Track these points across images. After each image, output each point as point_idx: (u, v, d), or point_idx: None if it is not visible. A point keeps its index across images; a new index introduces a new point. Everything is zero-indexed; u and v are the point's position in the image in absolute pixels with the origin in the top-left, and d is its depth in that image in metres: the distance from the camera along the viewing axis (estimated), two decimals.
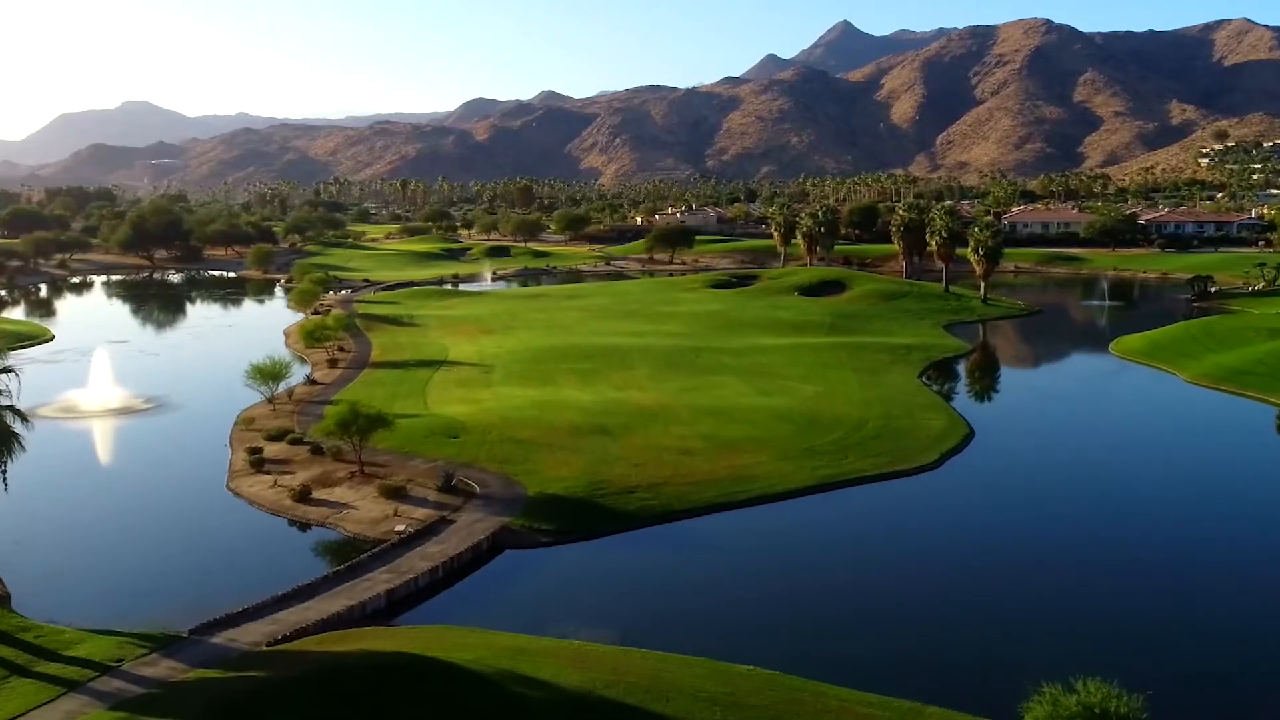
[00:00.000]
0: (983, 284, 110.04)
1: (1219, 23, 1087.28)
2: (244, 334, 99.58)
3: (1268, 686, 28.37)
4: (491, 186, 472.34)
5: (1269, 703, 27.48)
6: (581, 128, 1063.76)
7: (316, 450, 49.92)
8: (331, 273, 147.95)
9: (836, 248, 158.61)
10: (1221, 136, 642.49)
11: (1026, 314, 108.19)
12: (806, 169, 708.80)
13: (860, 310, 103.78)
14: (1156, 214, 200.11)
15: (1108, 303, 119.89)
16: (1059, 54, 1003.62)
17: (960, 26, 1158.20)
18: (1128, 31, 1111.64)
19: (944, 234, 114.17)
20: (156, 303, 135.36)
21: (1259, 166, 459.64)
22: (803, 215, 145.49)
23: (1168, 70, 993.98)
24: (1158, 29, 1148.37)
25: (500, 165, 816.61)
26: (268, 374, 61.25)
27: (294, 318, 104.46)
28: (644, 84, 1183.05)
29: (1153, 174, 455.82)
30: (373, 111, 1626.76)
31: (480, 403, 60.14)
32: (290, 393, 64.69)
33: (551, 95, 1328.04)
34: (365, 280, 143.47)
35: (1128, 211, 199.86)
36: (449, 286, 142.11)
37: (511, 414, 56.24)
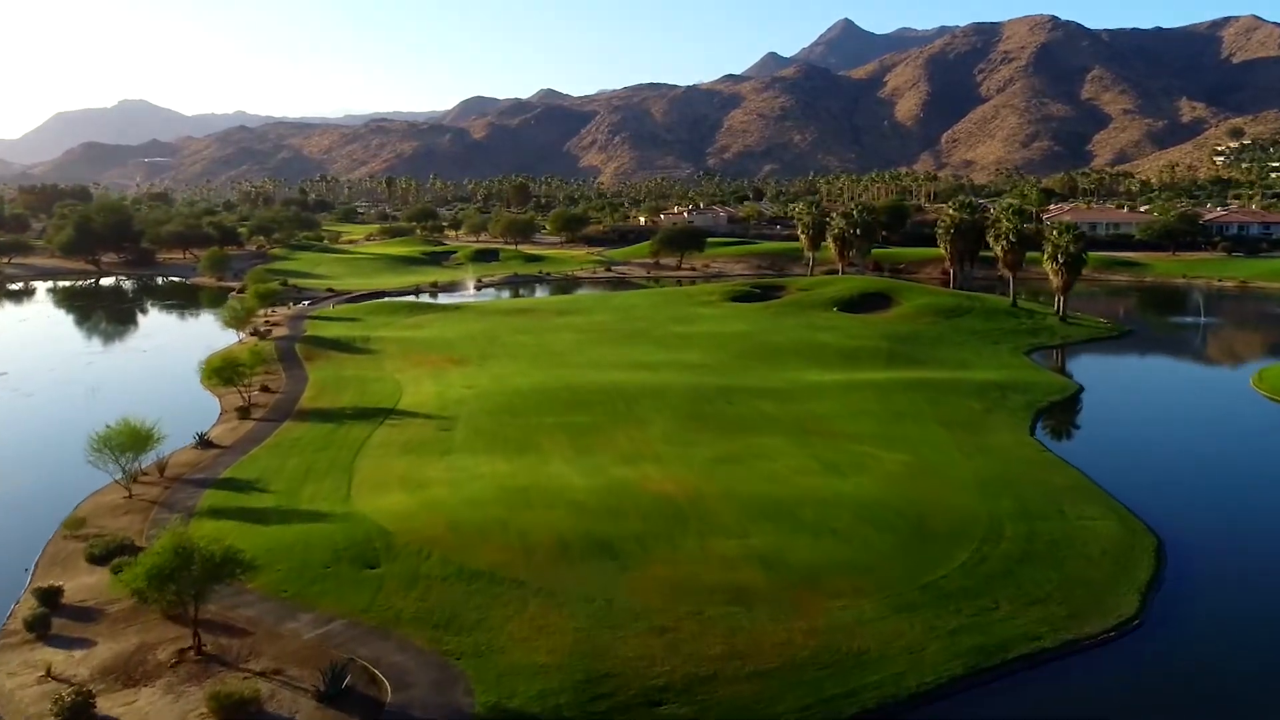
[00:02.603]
0: (1061, 298, 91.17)
1: (1226, 19, 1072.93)
2: (158, 363, 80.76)
3: None
4: (486, 185, 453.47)
5: None
6: (580, 126, 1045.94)
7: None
8: (290, 280, 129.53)
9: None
10: (1237, 134, 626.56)
11: (1116, 334, 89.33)
12: (809, 167, 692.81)
13: (918, 331, 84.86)
14: (1218, 214, 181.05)
15: (1204, 319, 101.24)
16: (1065, 51, 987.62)
17: (962, 24, 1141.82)
18: (1134, 29, 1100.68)
19: (1011, 238, 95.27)
20: (82, 316, 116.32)
21: (1277, 165, 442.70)
22: (834, 215, 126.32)
23: (1175, 68, 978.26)
24: (1164, 26, 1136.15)
25: (498, 164, 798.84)
26: (121, 444, 42.34)
27: (231, 338, 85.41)
28: (644, 82, 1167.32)
29: (1175, 171, 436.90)
30: (371, 110, 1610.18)
31: (426, 489, 41.19)
32: (163, 465, 45.77)
33: (550, 93, 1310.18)
34: (329, 290, 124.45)
35: (1182, 210, 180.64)
36: (426, 297, 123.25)
37: (468, 515, 37.31)
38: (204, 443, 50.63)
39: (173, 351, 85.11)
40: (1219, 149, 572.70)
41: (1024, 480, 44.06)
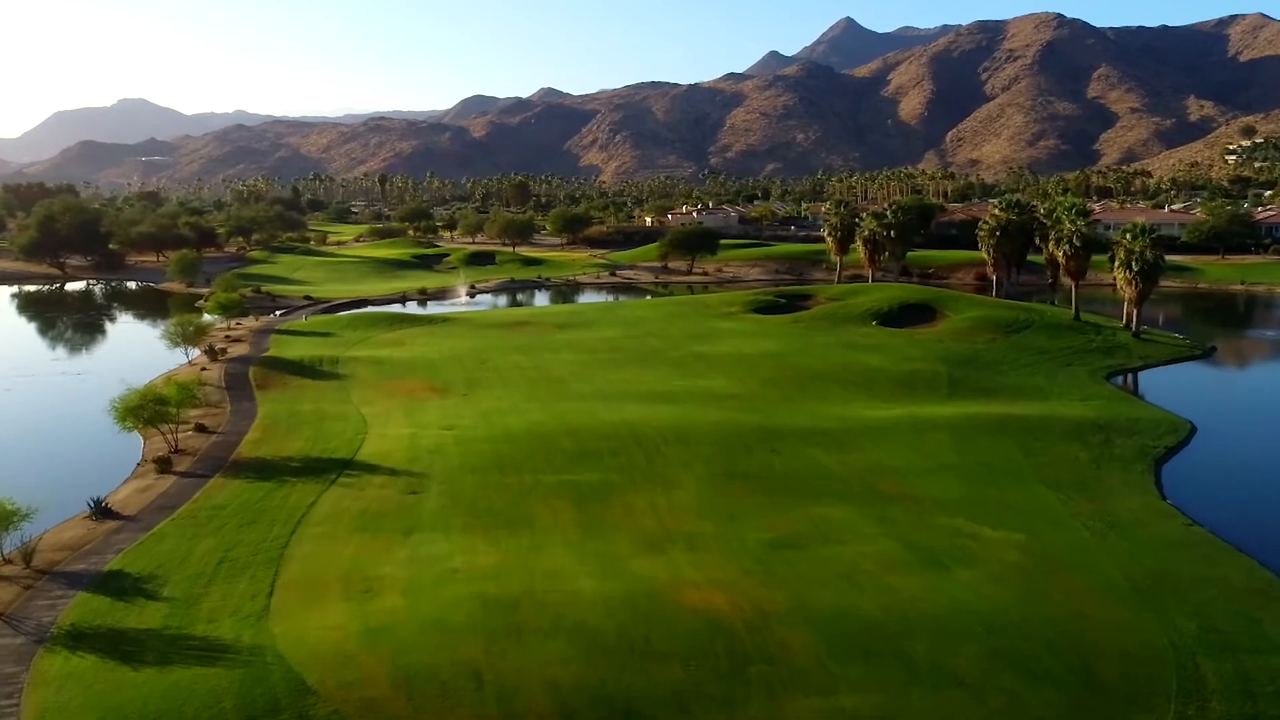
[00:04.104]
0: (1135, 312, 79.65)
1: (1233, 17, 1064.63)
2: (90, 390, 69.00)
3: None
4: (485, 183, 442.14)
5: None
6: (581, 124, 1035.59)
7: None
8: (265, 287, 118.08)
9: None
10: (1249, 132, 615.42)
11: (1199, 353, 77.88)
12: (812, 166, 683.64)
13: (977, 351, 73.31)
14: (1269, 214, 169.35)
15: None
16: (1071, 49, 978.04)
17: (965, 23, 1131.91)
18: (1140, 26, 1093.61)
19: (1075, 241, 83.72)
20: (27, 328, 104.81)
21: None
22: (864, 216, 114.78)
23: (1182, 66, 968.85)
24: (1170, 24, 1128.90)
25: (498, 163, 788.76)
26: None
27: (181, 358, 73.75)
28: (645, 80, 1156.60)
29: (1194, 170, 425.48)
30: (371, 109, 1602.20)
31: (375, 599, 29.63)
32: (30, 550, 34.26)
33: (551, 92, 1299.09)
34: (306, 297, 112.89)
35: (1233, 210, 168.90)
36: (414, 306, 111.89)
37: (428, 655, 25.76)
38: (100, 511, 39.08)
39: (113, 374, 73.10)
40: (1230, 147, 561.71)
41: (1188, 577, 32.55)
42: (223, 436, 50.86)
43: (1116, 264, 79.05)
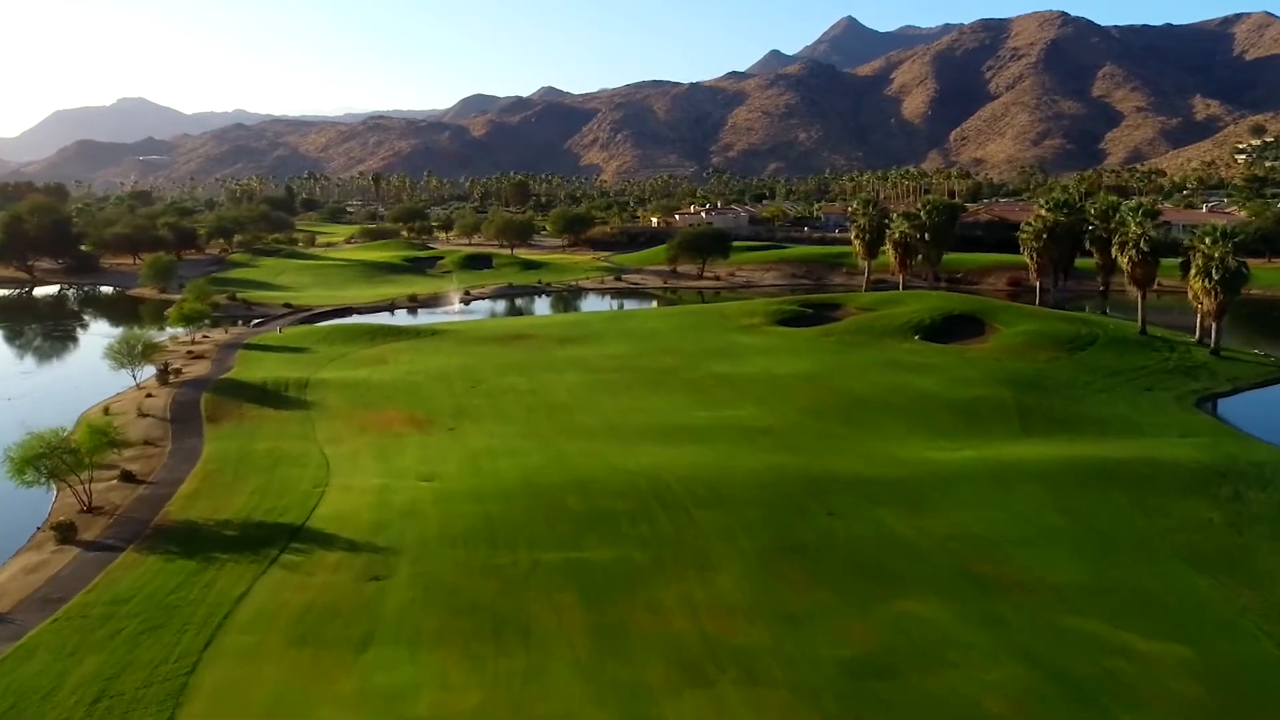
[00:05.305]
0: (1215, 325, 70.34)
1: (1238, 16, 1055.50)
2: (8, 421, 59.94)
3: None
4: (484, 183, 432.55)
5: None
6: (582, 123, 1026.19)
7: None
8: (241, 293, 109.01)
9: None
10: (1258, 131, 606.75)
11: None
12: (815, 166, 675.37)
13: (1041, 372, 63.94)
14: None
15: None
16: (1075, 47, 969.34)
17: (967, 21, 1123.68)
18: (1144, 25, 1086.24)
19: (1143, 246, 74.41)
20: None
21: None
22: (894, 216, 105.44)
23: (1187, 65, 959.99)
24: (1175, 23, 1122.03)
25: (498, 162, 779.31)
26: None
27: (127, 380, 64.27)
28: (646, 79, 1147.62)
29: (1210, 169, 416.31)
30: (370, 109, 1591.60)
31: None
32: None
33: (551, 91, 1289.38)
34: (286, 305, 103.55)
35: (1277, 210, 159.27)
36: (403, 314, 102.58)
37: None
38: None
39: (53, 399, 64.03)
40: (1240, 146, 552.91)
41: None
42: (152, 488, 41.62)
43: (1193, 272, 69.68)
